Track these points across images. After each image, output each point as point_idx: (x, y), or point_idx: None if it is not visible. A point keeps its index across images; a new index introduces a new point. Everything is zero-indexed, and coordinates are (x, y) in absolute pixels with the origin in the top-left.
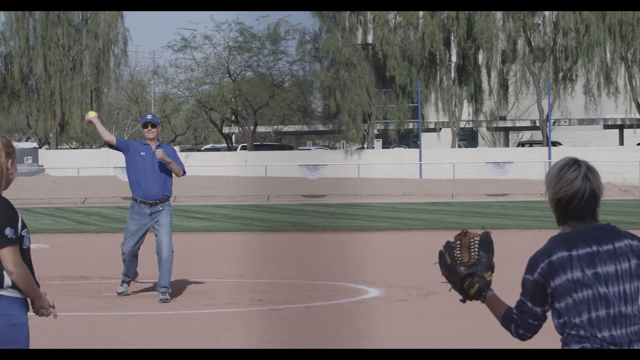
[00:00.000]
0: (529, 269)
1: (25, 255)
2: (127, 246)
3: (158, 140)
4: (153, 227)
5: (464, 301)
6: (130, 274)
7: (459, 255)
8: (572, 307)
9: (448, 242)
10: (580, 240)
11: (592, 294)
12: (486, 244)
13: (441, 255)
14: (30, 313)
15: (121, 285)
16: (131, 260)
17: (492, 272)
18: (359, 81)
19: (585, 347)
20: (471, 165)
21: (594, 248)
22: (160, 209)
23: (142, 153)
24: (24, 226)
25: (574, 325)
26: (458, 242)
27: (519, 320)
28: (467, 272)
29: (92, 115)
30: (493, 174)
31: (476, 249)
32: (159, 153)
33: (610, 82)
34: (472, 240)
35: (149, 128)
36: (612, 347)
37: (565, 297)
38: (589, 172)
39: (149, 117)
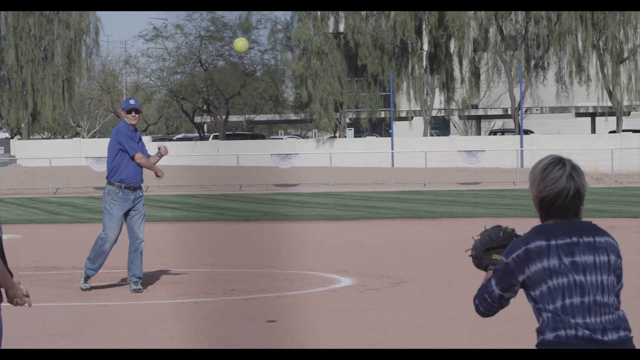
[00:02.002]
0: (506, 253)
1: None
2: (114, 233)
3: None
4: (129, 215)
5: (472, 256)
6: (97, 268)
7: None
8: (547, 294)
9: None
10: (561, 231)
11: (567, 282)
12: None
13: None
14: (6, 303)
15: (85, 282)
16: (108, 251)
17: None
18: (330, 70)
19: (559, 335)
20: (443, 153)
21: (574, 239)
22: (140, 194)
23: None
24: None
25: (548, 311)
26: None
27: (480, 292)
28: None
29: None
30: (465, 162)
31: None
32: (164, 150)
33: (582, 70)
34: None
35: (133, 114)
36: (586, 332)
37: (540, 284)
38: (573, 171)
39: (133, 103)
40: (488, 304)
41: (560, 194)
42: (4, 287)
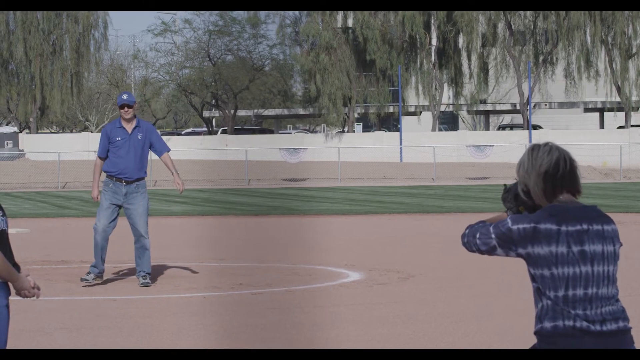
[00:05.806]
0: (513, 220)
1: None
2: (101, 223)
3: (136, 118)
4: (125, 209)
5: (506, 197)
6: (99, 266)
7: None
8: (549, 279)
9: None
10: (571, 217)
11: (572, 272)
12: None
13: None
14: (15, 297)
15: (87, 274)
16: (103, 244)
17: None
18: (339, 65)
19: (557, 326)
20: (451, 148)
21: (584, 226)
22: (136, 189)
23: (118, 138)
24: None
25: (548, 298)
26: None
27: (475, 229)
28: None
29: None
30: (473, 157)
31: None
32: (181, 187)
33: (591, 65)
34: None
35: (126, 109)
36: (584, 323)
37: (543, 267)
38: (557, 145)
39: (125, 98)
40: (474, 243)
41: (559, 162)
42: (9, 280)
